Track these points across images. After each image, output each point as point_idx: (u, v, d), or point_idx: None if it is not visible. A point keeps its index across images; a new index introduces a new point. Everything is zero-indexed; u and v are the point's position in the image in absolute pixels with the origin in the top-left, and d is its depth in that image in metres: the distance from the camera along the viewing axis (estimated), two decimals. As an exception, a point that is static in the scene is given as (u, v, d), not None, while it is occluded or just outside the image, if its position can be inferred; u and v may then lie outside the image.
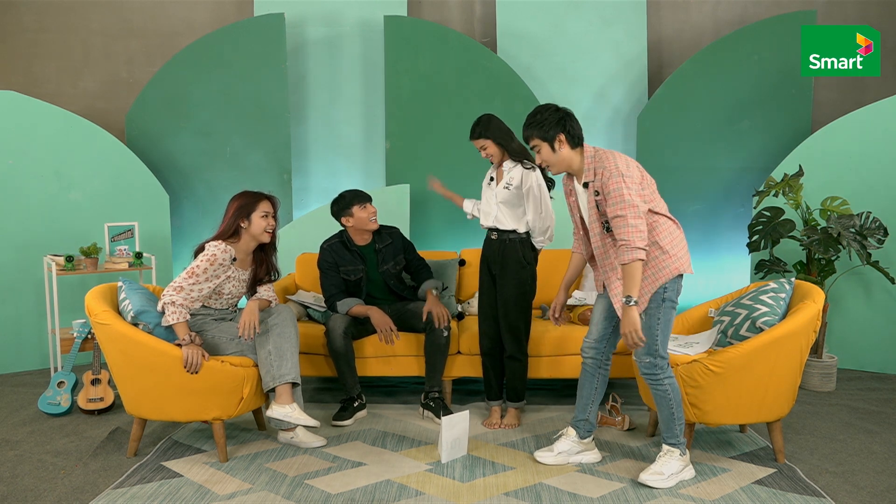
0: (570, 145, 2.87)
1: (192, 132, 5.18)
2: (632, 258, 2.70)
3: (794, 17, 5.01)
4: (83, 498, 2.80)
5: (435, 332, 3.65)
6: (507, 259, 3.48)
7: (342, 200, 3.79)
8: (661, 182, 5.13)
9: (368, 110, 5.43)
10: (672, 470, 2.91)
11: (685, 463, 2.96)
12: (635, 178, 2.77)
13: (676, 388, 2.91)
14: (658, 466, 2.92)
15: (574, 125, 2.88)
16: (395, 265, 3.89)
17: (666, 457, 2.93)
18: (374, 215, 3.79)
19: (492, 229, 3.53)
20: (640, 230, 2.70)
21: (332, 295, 3.77)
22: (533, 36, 5.35)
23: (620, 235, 2.72)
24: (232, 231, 3.27)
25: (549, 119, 2.86)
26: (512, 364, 3.57)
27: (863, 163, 4.57)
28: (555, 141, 2.86)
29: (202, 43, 5.11)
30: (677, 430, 2.92)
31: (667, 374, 2.88)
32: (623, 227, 2.71)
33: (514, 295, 3.47)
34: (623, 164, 2.78)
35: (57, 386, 3.75)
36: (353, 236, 3.84)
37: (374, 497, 2.80)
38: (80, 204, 4.72)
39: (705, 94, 5.14)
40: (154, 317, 3.17)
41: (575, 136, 2.87)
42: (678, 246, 2.85)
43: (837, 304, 4.57)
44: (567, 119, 2.87)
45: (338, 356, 3.61)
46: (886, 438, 3.46)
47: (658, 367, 2.86)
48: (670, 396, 2.89)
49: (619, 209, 2.72)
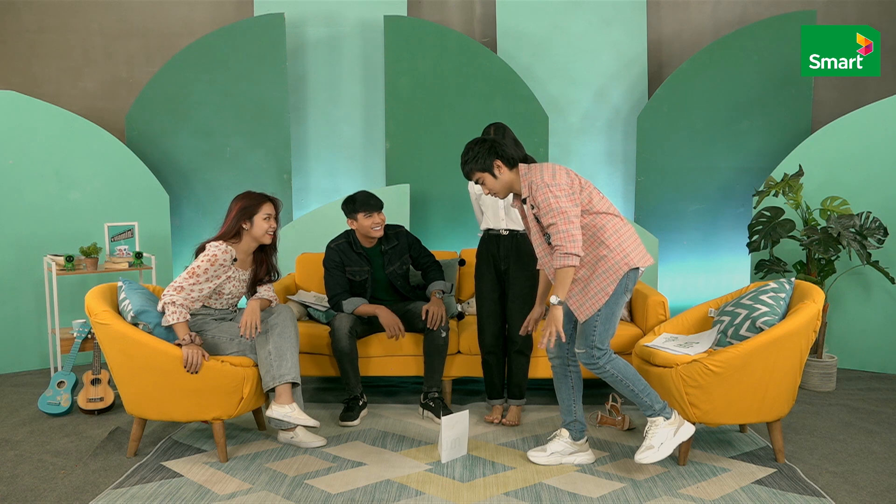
0: (507, 167, 2.99)
1: (192, 132, 5.18)
2: (563, 263, 2.82)
3: (794, 17, 5.01)
4: (83, 498, 2.80)
5: (434, 332, 3.65)
6: (520, 253, 3.52)
7: (352, 203, 3.75)
8: (661, 182, 5.23)
9: (368, 110, 5.43)
10: (661, 439, 2.95)
11: (675, 424, 2.98)
12: (563, 185, 2.87)
13: (624, 366, 2.97)
14: (648, 441, 2.97)
15: (504, 150, 3.00)
16: (401, 266, 3.89)
17: (651, 429, 2.98)
18: (378, 225, 3.74)
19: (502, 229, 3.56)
20: (571, 235, 2.81)
21: (337, 294, 3.77)
22: (533, 36, 5.35)
23: (554, 241, 2.84)
24: (234, 232, 3.27)
25: (480, 152, 2.99)
26: (519, 359, 3.59)
27: (863, 163, 4.57)
28: (493, 168, 2.98)
29: (202, 43, 5.11)
30: (647, 400, 2.97)
31: (607, 360, 2.94)
32: (556, 233, 2.83)
33: (528, 287, 3.51)
34: (549, 174, 2.90)
35: (57, 386, 3.75)
36: (359, 238, 3.84)
37: (374, 497, 2.80)
38: (80, 204, 4.72)
39: (705, 94, 5.15)
40: (154, 317, 3.17)
41: (508, 159, 2.99)
42: (626, 241, 2.94)
43: (837, 304, 4.57)
44: (496, 146, 2.99)
45: (342, 356, 3.62)
46: (886, 438, 3.46)
47: (594, 357, 2.94)
48: (620, 377, 2.95)
49: (550, 217, 2.85)
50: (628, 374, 2.96)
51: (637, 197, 5.27)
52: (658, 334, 3.44)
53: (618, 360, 2.96)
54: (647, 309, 3.76)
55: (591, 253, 2.92)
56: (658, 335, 3.42)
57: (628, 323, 3.99)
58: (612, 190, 5.48)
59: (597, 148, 5.48)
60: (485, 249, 3.62)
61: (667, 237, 5.27)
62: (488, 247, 3.60)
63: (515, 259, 3.52)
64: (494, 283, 3.60)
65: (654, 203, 5.26)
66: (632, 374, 2.97)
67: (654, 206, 5.26)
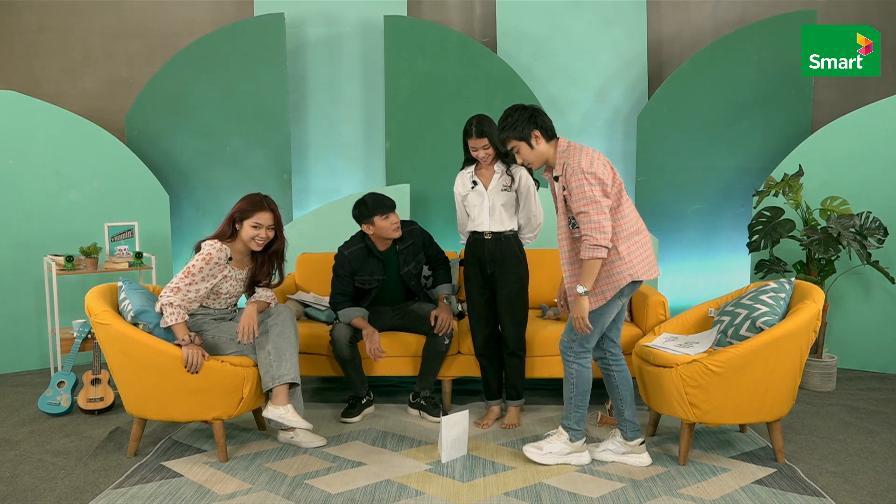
0: (545, 139, 2.94)
1: (192, 132, 5.18)
2: (592, 255, 2.79)
3: (794, 17, 5.01)
4: (83, 498, 2.80)
5: (437, 337, 3.65)
6: (505, 256, 3.49)
7: (363, 207, 3.64)
8: (661, 182, 5.23)
9: (368, 110, 5.43)
10: (553, 449, 3.05)
11: (574, 449, 3.07)
12: (599, 174, 2.81)
13: (584, 379, 3.01)
14: (543, 441, 3.09)
15: (545, 119, 2.96)
16: (416, 265, 3.83)
17: (553, 436, 3.08)
18: (396, 224, 3.65)
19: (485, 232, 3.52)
20: (602, 227, 2.77)
21: (338, 302, 3.73)
22: (533, 36, 5.35)
23: (584, 231, 2.80)
24: (230, 232, 3.27)
25: (520, 119, 2.93)
26: (513, 361, 3.58)
27: (863, 163, 4.57)
28: (531, 138, 2.92)
29: (202, 43, 5.11)
30: (572, 417, 3.04)
31: (578, 359, 2.99)
32: (586, 223, 2.79)
33: (517, 289, 3.50)
34: (587, 161, 2.83)
35: (57, 386, 3.75)
36: (375, 241, 3.73)
37: (374, 497, 2.80)
38: (80, 204, 4.72)
39: (705, 94, 5.14)
40: (154, 317, 3.17)
41: (548, 130, 2.95)
42: (636, 252, 2.91)
43: (837, 304, 4.57)
44: (537, 115, 2.94)
45: (345, 363, 3.63)
46: (886, 438, 3.46)
47: (571, 351, 2.99)
48: (573, 381, 3.01)
49: (581, 205, 2.80)
50: (581, 388, 3.02)
51: (637, 197, 5.27)
52: (658, 334, 3.44)
53: (584, 371, 3.01)
54: (647, 309, 3.76)
55: None
56: (658, 335, 3.42)
57: (628, 323, 3.99)
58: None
59: (597, 148, 5.39)
60: (470, 253, 3.59)
61: (667, 237, 5.27)
62: (473, 250, 3.57)
63: (500, 262, 3.49)
64: (482, 286, 3.57)
65: (654, 203, 5.25)
66: (582, 391, 3.02)
67: (654, 206, 5.25)
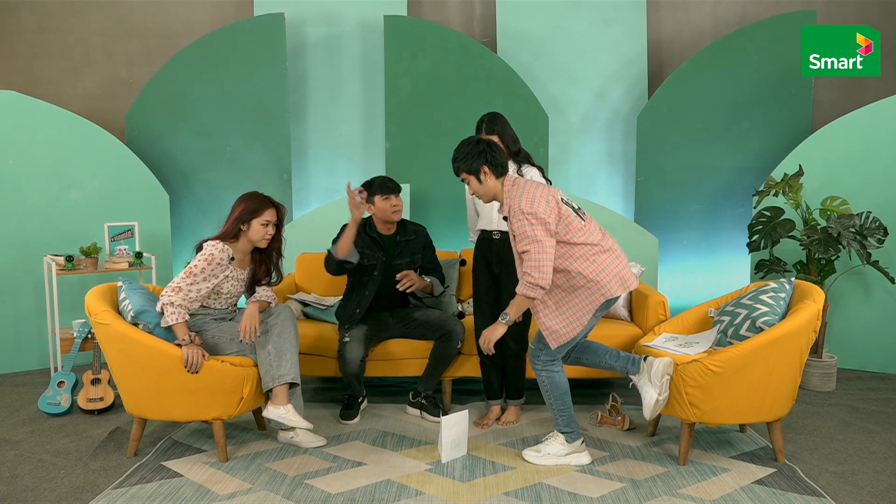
0: (494, 175, 2.97)
1: (192, 132, 5.18)
2: (526, 294, 2.85)
3: (794, 17, 5.01)
4: (83, 498, 2.80)
5: (450, 342, 3.66)
6: (512, 256, 3.48)
7: (369, 187, 3.70)
8: (661, 182, 5.23)
9: (368, 110, 5.43)
10: (552, 451, 3.10)
11: (573, 450, 3.10)
12: (541, 213, 2.83)
13: (556, 384, 3.04)
14: (541, 444, 3.16)
15: (496, 156, 2.97)
16: (410, 262, 3.83)
17: (550, 439, 3.16)
18: (396, 207, 3.70)
19: (494, 231, 3.53)
20: (542, 266, 2.80)
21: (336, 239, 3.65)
22: (533, 36, 5.35)
23: (525, 268, 2.84)
24: (234, 233, 3.27)
25: (472, 153, 2.97)
26: (515, 362, 3.58)
27: (863, 163, 4.57)
28: (480, 173, 2.96)
29: (202, 43, 5.11)
30: (560, 420, 3.09)
31: (545, 367, 3.03)
32: (528, 260, 2.84)
33: None
34: (527, 201, 2.85)
35: (57, 386, 3.75)
36: (376, 223, 3.78)
37: (374, 497, 2.80)
38: (80, 204, 4.72)
39: (705, 95, 5.15)
40: (154, 317, 3.17)
41: (498, 166, 2.97)
42: (605, 271, 2.92)
43: (837, 303, 4.57)
44: (489, 151, 2.96)
45: (351, 377, 3.62)
46: (886, 438, 3.46)
47: (539, 360, 3.03)
48: (547, 388, 3.05)
49: (524, 245, 2.84)
50: (557, 392, 3.05)
51: (637, 197, 5.27)
52: (658, 334, 3.44)
53: (556, 375, 3.04)
54: (647, 309, 3.76)
55: (567, 282, 2.92)
56: (658, 335, 3.42)
57: (628, 323, 4.00)
58: (612, 190, 5.49)
59: (597, 148, 5.48)
60: (479, 252, 3.60)
61: (667, 237, 5.27)
62: (482, 249, 3.59)
63: (507, 263, 3.49)
64: (490, 286, 3.57)
65: (654, 203, 5.26)
66: (559, 395, 3.04)
67: (654, 206, 5.26)
